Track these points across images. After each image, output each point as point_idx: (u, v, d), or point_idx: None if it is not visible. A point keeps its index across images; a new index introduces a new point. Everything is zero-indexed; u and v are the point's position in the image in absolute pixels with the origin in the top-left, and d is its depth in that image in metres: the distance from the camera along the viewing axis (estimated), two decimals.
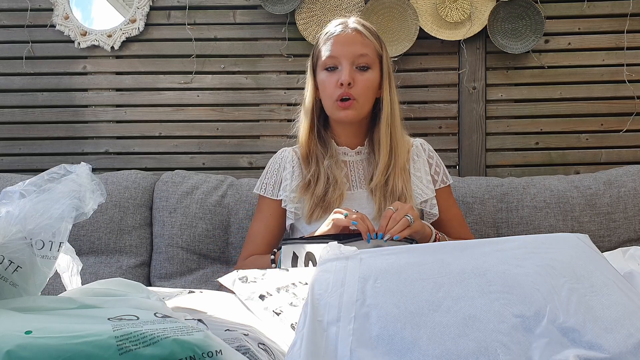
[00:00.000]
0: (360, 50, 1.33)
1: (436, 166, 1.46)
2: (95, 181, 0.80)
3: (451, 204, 1.46)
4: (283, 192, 1.40)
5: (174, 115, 2.01)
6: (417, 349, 0.61)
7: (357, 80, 1.33)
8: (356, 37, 1.34)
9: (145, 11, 1.99)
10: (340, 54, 1.33)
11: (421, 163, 1.43)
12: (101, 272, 1.63)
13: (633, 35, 1.95)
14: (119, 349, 0.52)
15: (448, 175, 1.47)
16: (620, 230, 1.64)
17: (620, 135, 1.96)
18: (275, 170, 1.44)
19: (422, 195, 1.39)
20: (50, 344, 0.51)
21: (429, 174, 1.43)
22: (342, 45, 1.33)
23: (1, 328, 0.54)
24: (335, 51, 1.34)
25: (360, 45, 1.34)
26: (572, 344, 0.61)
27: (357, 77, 1.33)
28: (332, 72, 1.35)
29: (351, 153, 1.43)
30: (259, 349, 0.70)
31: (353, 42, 1.34)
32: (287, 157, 1.44)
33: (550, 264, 0.71)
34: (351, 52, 1.33)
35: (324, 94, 1.37)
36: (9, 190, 0.75)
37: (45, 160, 2.02)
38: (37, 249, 0.70)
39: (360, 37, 1.35)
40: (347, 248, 0.79)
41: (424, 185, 1.41)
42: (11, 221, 0.70)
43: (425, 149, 1.46)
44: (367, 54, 1.34)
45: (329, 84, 1.34)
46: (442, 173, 1.45)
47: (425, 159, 1.44)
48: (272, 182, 1.43)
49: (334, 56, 1.34)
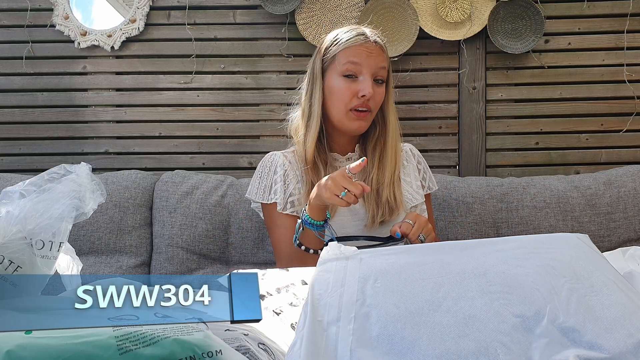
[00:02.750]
0: (382, 63, 1.34)
1: (424, 172, 1.47)
2: (95, 181, 0.80)
3: (430, 213, 1.48)
4: (274, 195, 1.38)
5: (174, 115, 2.01)
6: (417, 349, 0.61)
7: (375, 94, 1.33)
8: (378, 50, 1.35)
9: (145, 11, 1.99)
10: (365, 64, 1.32)
11: (411, 168, 1.44)
12: (101, 272, 1.63)
13: (633, 35, 1.95)
14: (119, 349, 0.52)
15: (434, 181, 1.49)
16: (620, 230, 1.64)
17: (620, 135, 1.96)
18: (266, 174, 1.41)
19: (412, 201, 1.40)
20: (50, 344, 0.51)
21: (418, 179, 1.44)
22: (367, 57, 1.33)
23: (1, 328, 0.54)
24: (360, 59, 1.32)
25: (381, 58, 1.34)
26: (572, 344, 0.61)
27: (375, 90, 1.33)
28: (351, 81, 1.33)
29: (341, 159, 1.42)
30: (259, 349, 0.70)
31: (377, 54, 1.34)
32: (278, 161, 1.40)
33: (550, 264, 0.71)
34: (375, 64, 1.33)
35: (337, 100, 1.34)
36: (9, 190, 0.75)
37: (45, 160, 2.02)
38: (37, 249, 0.70)
39: (381, 50, 1.35)
40: (347, 248, 0.79)
41: (414, 190, 1.42)
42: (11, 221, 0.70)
43: (414, 154, 1.48)
44: (385, 67, 1.35)
45: (346, 91, 1.32)
46: (428, 179, 1.47)
47: (415, 165, 1.45)
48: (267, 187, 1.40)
49: (358, 64, 1.32)
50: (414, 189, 1.42)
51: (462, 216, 1.65)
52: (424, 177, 1.46)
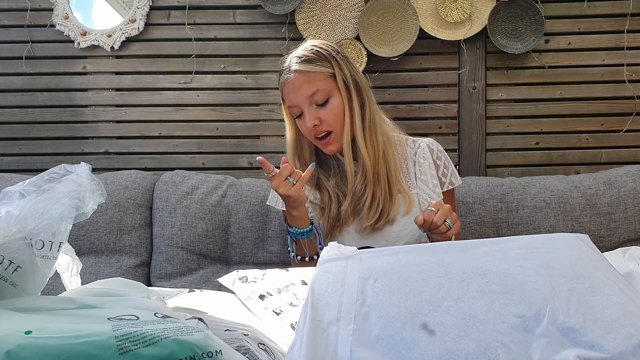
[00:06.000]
0: (309, 90, 1.30)
1: (444, 167, 1.42)
2: (95, 181, 0.80)
3: (454, 208, 1.44)
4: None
5: (174, 115, 2.01)
6: (417, 349, 0.61)
7: (322, 116, 1.31)
8: (299, 78, 1.30)
9: (145, 11, 1.99)
10: (295, 102, 1.32)
11: (427, 166, 1.40)
12: (101, 272, 1.63)
13: (633, 35, 1.95)
14: (119, 349, 0.52)
15: (457, 177, 1.43)
16: (620, 230, 1.64)
17: (620, 135, 1.96)
18: None
19: (428, 200, 1.37)
20: (50, 344, 0.51)
21: (435, 177, 1.40)
22: (295, 94, 1.31)
23: (1, 328, 0.54)
24: (291, 101, 1.33)
25: (307, 85, 1.30)
26: (572, 344, 0.61)
27: (321, 113, 1.31)
28: (302, 117, 1.34)
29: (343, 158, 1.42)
30: (259, 349, 0.70)
31: (299, 86, 1.31)
32: None
33: (550, 264, 0.71)
34: (303, 96, 1.31)
35: (307, 137, 1.37)
36: (9, 190, 0.75)
37: (45, 160, 2.02)
38: (37, 249, 0.70)
39: (303, 76, 1.30)
40: (347, 248, 0.79)
41: (430, 189, 1.38)
42: (11, 221, 0.70)
43: (433, 149, 1.42)
44: (317, 89, 1.30)
45: (303, 127, 1.34)
46: (450, 174, 1.42)
47: (432, 161, 1.41)
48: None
49: (294, 105, 1.33)
50: (430, 187, 1.38)
51: (462, 216, 1.65)
52: (444, 172, 1.41)
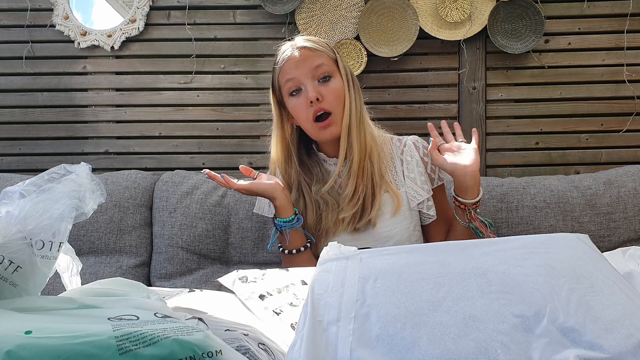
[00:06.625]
0: (315, 62, 1.30)
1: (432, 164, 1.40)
2: (95, 181, 0.80)
3: (445, 205, 1.43)
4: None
5: (174, 115, 2.01)
6: (417, 349, 0.61)
7: (324, 93, 1.30)
8: (306, 52, 1.31)
9: (145, 11, 1.99)
10: (298, 74, 1.31)
11: (414, 164, 1.38)
12: (101, 272, 1.63)
13: (633, 35, 1.95)
14: (119, 349, 0.52)
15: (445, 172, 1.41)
16: (620, 230, 1.64)
17: (620, 135, 1.96)
18: None
19: (416, 198, 1.35)
20: (50, 344, 0.51)
21: (423, 174, 1.38)
22: (297, 66, 1.31)
23: (1, 328, 0.54)
24: (292, 73, 1.31)
25: (313, 58, 1.30)
26: (572, 344, 0.61)
27: (323, 90, 1.30)
28: (298, 95, 1.32)
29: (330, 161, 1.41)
30: (259, 349, 0.70)
31: (305, 58, 1.31)
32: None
33: (550, 264, 0.71)
34: (307, 68, 1.30)
35: (300, 120, 1.34)
36: (9, 190, 0.75)
37: (45, 160, 2.02)
38: (37, 249, 0.70)
39: (309, 51, 1.31)
40: (347, 248, 0.79)
41: (419, 186, 1.37)
42: (11, 221, 0.70)
43: (419, 147, 1.40)
44: (322, 63, 1.31)
45: (300, 106, 1.31)
46: (437, 170, 1.40)
47: (419, 158, 1.39)
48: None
49: (293, 78, 1.31)
50: (419, 184, 1.37)
51: None
52: (432, 168, 1.40)
